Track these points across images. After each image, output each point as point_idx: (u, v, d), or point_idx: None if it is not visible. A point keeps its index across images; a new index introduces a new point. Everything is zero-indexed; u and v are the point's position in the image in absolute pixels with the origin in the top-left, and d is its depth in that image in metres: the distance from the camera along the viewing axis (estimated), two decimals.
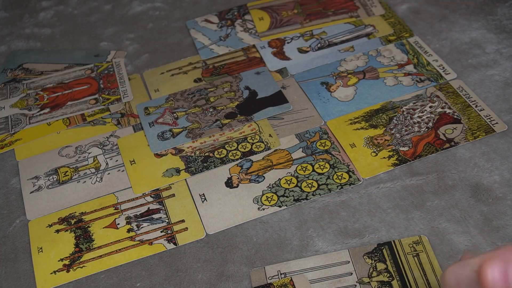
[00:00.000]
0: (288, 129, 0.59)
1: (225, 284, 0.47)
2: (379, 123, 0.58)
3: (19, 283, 0.50)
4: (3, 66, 0.72)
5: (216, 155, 0.57)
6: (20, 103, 0.66)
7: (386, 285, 0.45)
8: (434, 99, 0.59)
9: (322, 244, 0.49)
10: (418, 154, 0.54)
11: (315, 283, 0.46)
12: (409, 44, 0.66)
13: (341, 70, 0.64)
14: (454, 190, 0.51)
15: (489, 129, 0.55)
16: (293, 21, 0.71)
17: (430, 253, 0.47)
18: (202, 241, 0.51)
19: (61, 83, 0.68)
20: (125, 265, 0.50)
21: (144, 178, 0.56)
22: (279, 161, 0.56)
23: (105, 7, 0.79)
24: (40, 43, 0.75)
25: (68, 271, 0.50)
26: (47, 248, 0.52)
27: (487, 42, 0.65)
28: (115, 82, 0.67)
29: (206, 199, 0.54)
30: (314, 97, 0.62)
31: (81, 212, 0.54)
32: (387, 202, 0.51)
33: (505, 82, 0.60)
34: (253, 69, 0.66)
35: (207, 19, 0.74)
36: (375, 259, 0.47)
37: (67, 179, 0.57)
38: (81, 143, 0.61)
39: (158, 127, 0.61)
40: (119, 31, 0.75)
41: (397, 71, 0.63)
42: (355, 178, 0.53)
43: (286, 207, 0.52)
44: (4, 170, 0.59)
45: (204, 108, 0.62)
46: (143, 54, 0.71)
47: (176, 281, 0.48)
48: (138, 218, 0.53)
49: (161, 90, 0.65)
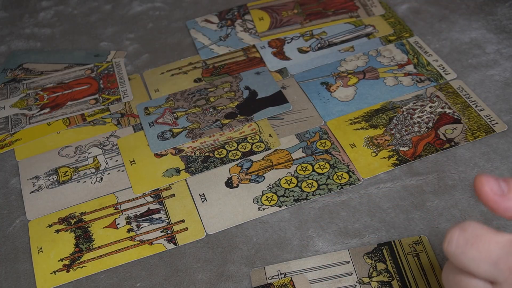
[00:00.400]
0: (288, 129, 0.59)
1: (225, 284, 0.47)
2: (379, 123, 0.58)
3: (19, 283, 0.50)
4: (3, 66, 0.72)
5: (216, 155, 0.57)
6: (20, 103, 0.66)
7: (386, 285, 0.45)
8: (434, 99, 0.59)
9: (322, 244, 0.49)
10: (418, 154, 0.54)
11: (315, 283, 0.46)
12: (409, 44, 0.66)
13: (341, 70, 0.64)
14: (454, 190, 0.51)
15: (489, 129, 0.55)
16: (293, 21, 0.71)
17: (430, 253, 0.47)
18: (202, 241, 0.51)
19: (61, 83, 0.68)
20: (125, 265, 0.50)
21: (144, 178, 0.56)
22: (279, 161, 0.56)
23: (105, 7, 0.79)
24: (40, 43, 0.75)
25: (68, 271, 0.50)
26: (47, 248, 0.52)
27: (487, 42, 0.65)
28: (115, 82, 0.67)
29: (206, 199, 0.54)
30: (314, 97, 0.62)
31: (81, 212, 0.54)
32: (387, 202, 0.51)
33: (505, 82, 0.60)
34: (253, 69, 0.66)
35: (207, 19, 0.74)
36: (375, 259, 0.47)
37: (67, 179, 0.57)
38: (81, 143, 0.61)
39: (158, 127, 0.61)
40: (119, 31, 0.75)
41: (397, 71, 0.63)
42: (355, 178, 0.53)
43: (286, 207, 0.52)
44: (4, 170, 0.59)
45: (204, 108, 0.62)
46: (143, 54, 0.71)
47: (176, 281, 0.48)
48: (138, 218, 0.53)
49: (161, 90, 0.65)
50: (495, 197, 0.33)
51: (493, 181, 0.33)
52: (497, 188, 0.33)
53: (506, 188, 0.33)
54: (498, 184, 0.33)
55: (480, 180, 0.33)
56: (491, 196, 0.33)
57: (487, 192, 0.33)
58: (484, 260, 0.32)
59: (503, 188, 0.33)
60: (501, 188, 0.33)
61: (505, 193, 0.33)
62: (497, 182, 0.33)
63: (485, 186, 0.33)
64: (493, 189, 0.33)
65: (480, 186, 0.33)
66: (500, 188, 0.33)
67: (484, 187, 0.33)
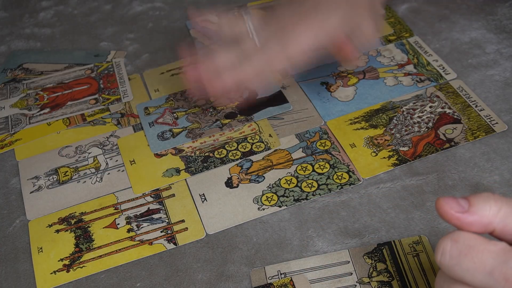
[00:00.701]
0: (288, 129, 0.59)
1: (225, 284, 0.47)
2: (379, 123, 0.58)
3: (19, 283, 0.50)
4: (3, 66, 0.72)
5: (216, 155, 0.57)
6: (20, 103, 0.66)
7: (386, 285, 0.45)
8: (434, 99, 0.59)
9: (322, 244, 0.49)
10: (418, 154, 0.54)
11: (315, 283, 0.46)
12: (409, 44, 0.66)
13: (341, 70, 0.64)
14: (454, 190, 0.51)
15: (489, 129, 0.55)
16: None
17: (430, 253, 0.47)
18: (202, 241, 0.51)
19: (61, 83, 0.68)
20: (125, 265, 0.50)
21: (144, 178, 0.56)
22: (279, 161, 0.56)
23: (105, 7, 0.79)
24: (40, 43, 0.75)
25: (68, 271, 0.50)
26: (47, 248, 0.52)
27: (487, 42, 0.65)
28: (115, 82, 0.67)
29: (206, 199, 0.54)
30: (314, 97, 0.62)
31: (81, 212, 0.54)
32: (387, 202, 0.51)
33: (505, 82, 0.60)
34: None
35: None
36: (375, 259, 0.47)
37: (67, 179, 0.57)
38: (81, 143, 0.61)
39: (158, 127, 0.61)
40: (119, 31, 0.75)
41: (397, 71, 0.63)
42: (355, 178, 0.53)
43: (286, 207, 0.52)
44: (4, 170, 0.59)
45: (204, 108, 0.62)
46: (143, 54, 0.71)
47: (176, 281, 0.48)
48: (138, 218, 0.53)
49: (161, 90, 0.65)
50: (457, 214, 0.34)
51: (452, 201, 0.35)
52: (457, 206, 0.35)
53: (467, 204, 0.35)
54: (458, 202, 0.35)
55: (440, 202, 0.35)
56: (453, 214, 0.34)
57: (448, 211, 0.35)
58: (479, 270, 0.33)
59: (463, 205, 0.35)
60: (461, 206, 0.35)
61: (466, 209, 0.34)
62: (456, 201, 0.35)
63: (445, 206, 0.35)
64: (453, 208, 0.35)
65: (441, 207, 0.35)
66: (460, 206, 0.35)
67: (444, 207, 0.35)
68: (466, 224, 0.34)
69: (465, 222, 0.34)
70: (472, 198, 0.35)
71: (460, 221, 0.34)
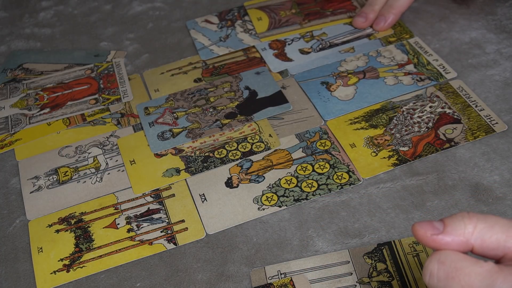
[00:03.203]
0: (288, 129, 0.59)
1: (225, 284, 0.47)
2: (379, 123, 0.58)
3: (19, 283, 0.50)
4: (3, 66, 0.72)
5: (216, 155, 0.57)
6: (20, 103, 0.66)
7: (386, 285, 0.45)
8: (434, 99, 0.59)
9: (322, 244, 0.49)
10: (418, 154, 0.54)
11: (315, 283, 0.46)
12: (409, 44, 0.66)
13: (341, 70, 0.64)
14: (454, 190, 0.51)
15: (489, 129, 0.55)
16: (292, 21, 0.71)
17: (430, 253, 0.47)
18: (202, 241, 0.51)
19: (61, 83, 0.68)
20: (125, 265, 0.50)
21: (144, 178, 0.56)
22: (279, 161, 0.56)
23: (105, 7, 0.79)
24: (40, 43, 0.75)
25: (68, 271, 0.50)
26: (47, 248, 0.52)
27: (487, 42, 0.65)
28: (115, 82, 0.67)
29: (206, 199, 0.54)
30: (314, 96, 0.62)
31: (81, 212, 0.54)
32: (387, 202, 0.51)
33: (505, 82, 0.60)
34: (253, 69, 0.66)
35: (207, 19, 0.74)
36: (375, 259, 0.47)
37: (67, 179, 0.57)
38: (81, 143, 0.61)
39: (158, 127, 0.61)
40: (119, 31, 0.75)
41: (397, 71, 0.63)
42: (355, 178, 0.53)
43: (286, 207, 0.52)
44: (4, 170, 0.59)
45: (204, 108, 0.62)
46: (143, 54, 0.71)
47: (176, 281, 0.48)
48: (138, 218, 0.53)
49: (161, 90, 0.65)
50: (432, 237, 0.35)
51: (427, 224, 0.35)
52: (432, 229, 0.35)
53: (442, 226, 0.35)
54: (433, 225, 0.35)
55: (415, 227, 0.36)
56: (429, 237, 0.35)
57: (424, 235, 0.35)
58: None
59: (438, 227, 0.35)
60: (436, 228, 0.35)
61: (441, 230, 0.35)
62: (431, 224, 0.35)
63: (420, 231, 0.35)
64: (428, 231, 0.35)
65: (416, 231, 0.35)
66: (435, 228, 0.35)
67: (419, 232, 0.35)
68: (443, 245, 0.35)
69: (441, 243, 0.35)
70: (446, 219, 0.35)
71: (436, 243, 0.35)
